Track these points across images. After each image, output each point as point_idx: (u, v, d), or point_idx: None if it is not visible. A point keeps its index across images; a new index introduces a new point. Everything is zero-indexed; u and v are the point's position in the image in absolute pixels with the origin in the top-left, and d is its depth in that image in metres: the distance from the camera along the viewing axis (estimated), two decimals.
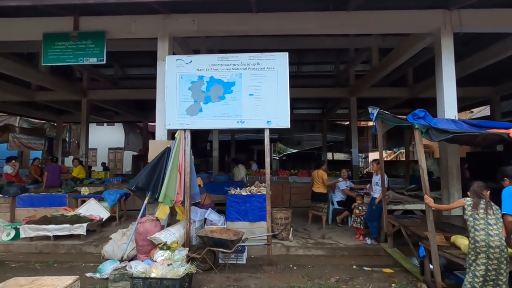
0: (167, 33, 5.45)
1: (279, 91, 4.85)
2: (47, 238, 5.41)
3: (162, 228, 4.82)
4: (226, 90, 4.89)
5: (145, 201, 4.88)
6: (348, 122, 18.76)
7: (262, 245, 4.57)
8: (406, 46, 6.31)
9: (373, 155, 19.08)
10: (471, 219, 3.02)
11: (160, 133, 5.32)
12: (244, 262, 4.78)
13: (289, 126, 4.83)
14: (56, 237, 5.43)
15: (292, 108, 14.93)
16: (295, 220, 6.60)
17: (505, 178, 3.28)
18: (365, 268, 4.61)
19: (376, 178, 5.28)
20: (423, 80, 9.57)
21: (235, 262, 4.70)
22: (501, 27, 5.37)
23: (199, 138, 15.69)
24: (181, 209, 4.97)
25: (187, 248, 4.45)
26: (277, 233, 4.58)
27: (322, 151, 15.30)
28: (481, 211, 3.00)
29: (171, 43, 5.58)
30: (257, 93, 4.87)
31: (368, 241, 5.26)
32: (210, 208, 5.66)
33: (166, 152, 5.02)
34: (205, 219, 5.47)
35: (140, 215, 4.83)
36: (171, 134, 5.33)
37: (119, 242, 4.91)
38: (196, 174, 9.52)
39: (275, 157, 18.33)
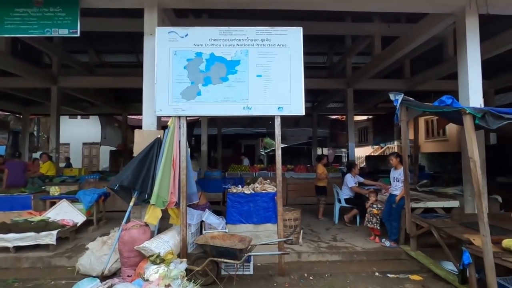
0: (155, 2, 4.54)
1: (292, 72, 4.11)
2: (5, 250, 4.36)
3: (153, 235, 3.97)
4: (229, 70, 4.08)
5: (131, 203, 4.00)
6: (335, 116, 18.53)
7: (278, 255, 3.83)
8: (420, 30, 5.76)
9: (360, 150, 18.91)
10: None
11: (149, 121, 4.42)
12: (251, 272, 4.03)
13: (303, 113, 4.12)
14: (18, 248, 4.39)
15: None
16: None
17: None
18: (389, 275, 4.01)
19: (396, 173, 4.70)
20: (420, 73, 9.24)
21: (241, 273, 3.94)
22: None
23: None
24: (175, 212, 4.13)
25: (185, 260, 3.63)
26: (291, 238, 3.88)
27: (312, 145, 14.76)
28: None
29: (160, 15, 4.67)
30: (266, 74, 4.10)
31: (387, 243, 4.68)
32: (206, 209, 4.85)
33: (156, 144, 4.15)
34: (202, 222, 4.66)
35: (124, 219, 3.94)
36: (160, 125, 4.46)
37: (98, 253, 4.00)
38: None
39: (262, 153, 17.66)
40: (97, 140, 14.99)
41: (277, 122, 4.15)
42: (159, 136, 4.19)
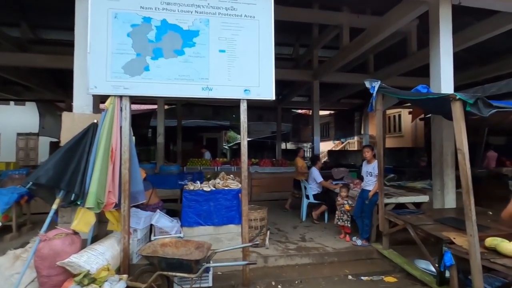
0: None
1: (261, 49, 3.50)
2: None
3: (84, 246, 3.12)
4: (186, 42, 3.34)
5: (54, 206, 3.09)
6: (300, 111, 18.43)
7: (243, 265, 3.22)
8: (391, 19, 5.50)
9: (321, 145, 19.08)
10: None
11: (82, 102, 3.50)
12: (210, 284, 3.37)
13: (273, 98, 3.54)
14: None
15: None
16: None
17: None
18: (363, 278, 3.65)
19: (369, 167, 4.36)
20: (383, 68, 9.26)
21: (198, 286, 3.28)
22: (496, 4, 4.85)
23: (138, 122, 13.35)
24: (115, 215, 3.31)
25: (126, 276, 2.86)
26: (257, 242, 3.31)
27: (276, 140, 14.40)
28: None
29: None
30: (231, 49, 3.43)
31: (358, 241, 4.34)
32: (158, 210, 4.07)
33: (91, 130, 3.27)
34: (152, 226, 3.88)
35: (44, 227, 3.03)
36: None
37: (8, 271, 3.04)
38: (141, 164, 7.72)
39: (225, 146, 16.94)
40: (35, 130, 13.01)
41: (243, 107, 3.52)
42: (95, 121, 3.31)
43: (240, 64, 3.43)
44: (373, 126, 16.34)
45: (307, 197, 5.66)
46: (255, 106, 16.50)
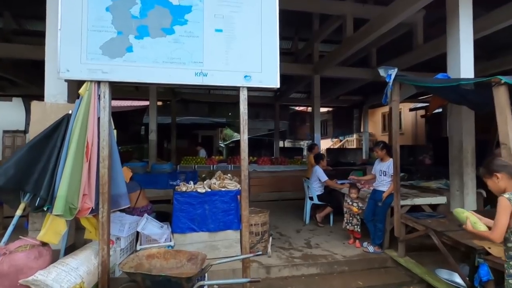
0: None
1: (264, 29, 3.00)
2: None
3: (56, 259, 2.61)
4: (176, 19, 2.83)
5: (18, 212, 2.58)
6: (298, 108, 17.99)
7: (244, 282, 2.72)
8: (399, 7, 5.03)
9: (322, 143, 18.68)
10: None
11: (54, 90, 3.00)
12: None
13: (278, 86, 3.05)
14: None
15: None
16: None
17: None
18: None
19: (384, 166, 3.90)
20: (386, 62, 8.82)
21: None
22: None
23: (130, 119, 12.78)
24: (93, 222, 2.80)
25: None
26: (260, 252, 2.83)
27: (274, 138, 13.93)
28: None
29: None
30: (229, 29, 2.93)
31: (370, 248, 3.88)
32: (146, 214, 3.57)
33: (64, 123, 2.76)
34: (138, 233, 3.38)
35: (4, 238, 2.52)
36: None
37: None
38: (131, 162, 7.12)
39: (221, 144, 16.43)
40: (22, 128, 12.38)
41: (243, 96, 3.03)
42: (70, 111, 2.79)
43: (239, 46, 2.93)
44: (372, 124, 15.98)
45: (311, 198, 5.18)
46: (251, 103, 16.04)
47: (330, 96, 12.45)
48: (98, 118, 2.70)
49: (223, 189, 3.67)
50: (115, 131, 2.88)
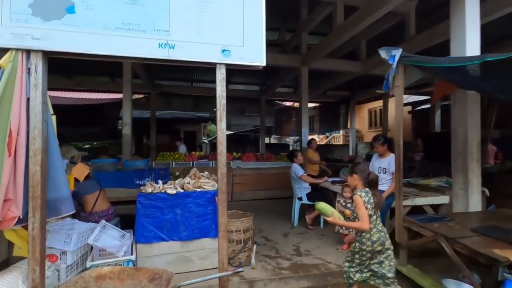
0: None
1: None
2: None
3: None
4: None
5: None
6: (285, 103, 17.52)
7: None
8: None
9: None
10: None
11: None
12: None
13: (263, 63, 2.48)
14: None
15: (227, 82, 12.50)
16: None
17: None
18: None
19: (383, 162, 3.43)
20: (376, 55, 8.44)
21: None
22: None
23: (106, 113, 11.88)
24: (22, 235, 2.15)
25: None
26: (241, 269, 2.28)
27: (259, 133, 13.39)
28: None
29: None
30: None
31: None
32: (103, 221, 2.92)
33: None
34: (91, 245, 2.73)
35: None
36: None
37: None
38: (100, 159, 6.48)
39: (205, 141, 15.74)
40: None
41: (221, 75, 2.44)
42: None
43: (216, 11, 2.33)
44: (359, 120, 15.73)
45: (300, 198, 4.67)
46: (236, 97, 15.44)
47: (317, 90, 12.03)
48: (28, 99, 2.03)
49: (198, 190, 3.07)
50: (54, 117, 2.22)
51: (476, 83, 2.86)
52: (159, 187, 3.00)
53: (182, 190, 3.04)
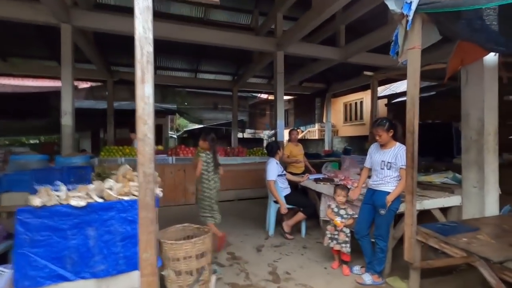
0: None
1: None
2: None
3: None
4: None
5: None
6: (260, 95, 16.56)
7: None
8: None
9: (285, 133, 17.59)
10: None
11: None
12: None
13: None
14: None
15: (196, 70, 11.29)
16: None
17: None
18: None
19: (387, 155, 2.55)
20: (355, 41, 7.74)
21: None
22: None
23: (53, 104, 10.15)
24: None
25: None
26: None
27: (232, 127, 12.33)
28: None
29: None
30: None
31: (366, 277, 2.54)
32: None
33: None
34: None
35: None
36: None
37: None
38: (24, 155, 5.20)
39: (173, 135, 14.39)
40: None
41: (143, 3, 1.38)
42: None
43: None
44: (334, 114, 15.19)
45: (276, 202, 3.71)
46: (209, 90, 14.27)
47: (292, 81, 11.19)
48: None
49: (126, 198, 2.00)
50: None
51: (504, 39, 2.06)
52: (59, 195, 1.89)
53: (99, 200, 1.95)
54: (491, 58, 2.88)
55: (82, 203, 1.85)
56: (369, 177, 2.93)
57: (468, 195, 2.98)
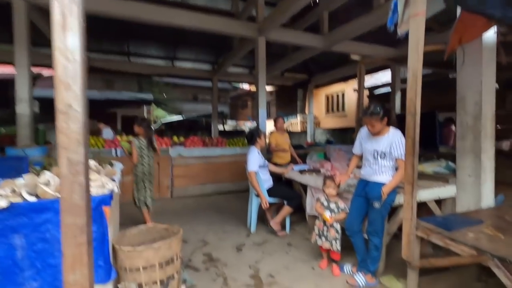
0: None
1: None
2: None
3: None
4: None
5: None
6: (241, 85, 16.05)
7: None
8: None
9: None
10: None
11: None
12: None
13: None
14: None
15: (173, 58, 10.61)
16: (186, 225, 2.99)
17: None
18: None
19: (381, 143, 2.23)
20: (339, 27, 7.46)
21: None
22: None
23: (13, 93, 9.19)
24: None
25: None
26: None
27: (212, 118, 11.81)
28: None
29: None
30: None
31: (359, 278, 2.26)
32: None
33: None
34: None
35: None
36: None
37: None
38: None
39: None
40: None
41: None
42: None
43: None
44: (316, 105, 15.04)
45: (258, 195, 3.36)
46: (186, 77, 13.58)
47: (274, 71, 10.81)
48: None
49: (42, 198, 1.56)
50: None
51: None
52: None
53: (33, 199, 1.50)
54: (490, 37, 2.65)
55: (2, 203, 1.40)
56: (358, 167, 2.65)
57: (463, 185, 2.77)
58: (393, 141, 2.18)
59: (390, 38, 2.97)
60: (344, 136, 12.75)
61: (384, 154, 2.19)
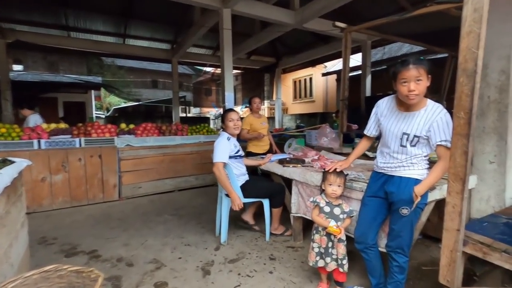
0: None
1: None
2: None
3: None
4: None
5: None
6: (206, 68, 14.80)
7: None
8: None
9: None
10: None
11: None
12: None
13: None
14: None
15: (124, 35, 9.08)
16: (134, 238, 2.11)
17: None
18: None
19: (413, 122, 1.52)
20: (312, 1, 6.73)
21: None
22: None
23: None
24: None
25: None
26: None
27: (172, 104, 10.57)
28: None
29: None
30: None
31: None
32: None
33: None
34: None
35: None
36: None
37: None
38: None
39: (101, 115, 11.97)
40: None
41: None
42: None
43: None
44: (284, 90, 14.42)
45: (228, 195, 2.54)
46: (141, 58, 12.03)
47: (240, 51, 9.84)
48: None
49: None
50: None
51: None
52: None
53: None
54: None
55: None
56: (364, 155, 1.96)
57: (482, 173, 2.24)
58: (433, 119, 1.45)
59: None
60: (312, 122, 12.35)
61: (417, 139, 1.49)
